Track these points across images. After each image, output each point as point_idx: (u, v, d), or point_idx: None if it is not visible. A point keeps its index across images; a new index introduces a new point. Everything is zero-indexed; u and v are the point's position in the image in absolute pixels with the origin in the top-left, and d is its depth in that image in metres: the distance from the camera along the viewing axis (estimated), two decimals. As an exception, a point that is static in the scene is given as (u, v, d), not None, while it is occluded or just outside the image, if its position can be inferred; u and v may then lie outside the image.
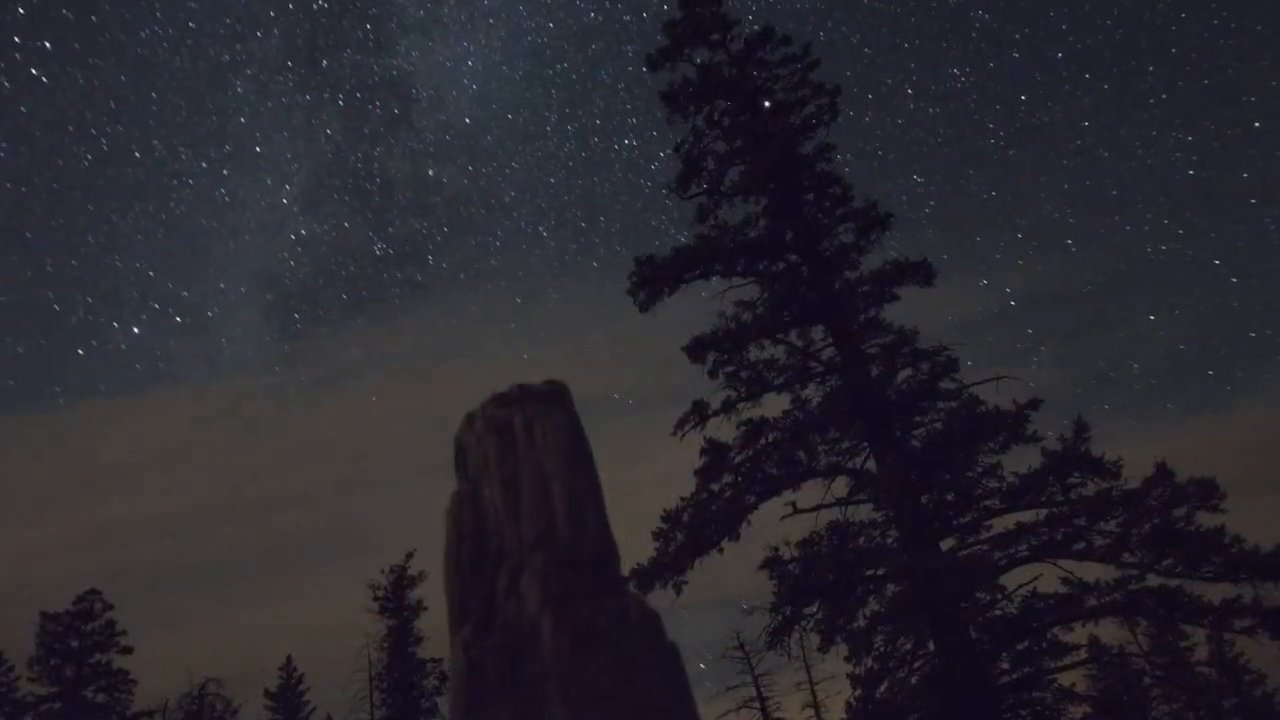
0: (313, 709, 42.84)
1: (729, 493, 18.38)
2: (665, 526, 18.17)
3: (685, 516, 18.19)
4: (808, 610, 17.82)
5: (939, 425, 18.03)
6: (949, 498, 17.91)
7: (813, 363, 19.21)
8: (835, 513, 18.57)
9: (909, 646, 17.48)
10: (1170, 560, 15.38)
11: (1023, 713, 16.91)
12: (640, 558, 18.13)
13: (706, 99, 20.59)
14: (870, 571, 17.79)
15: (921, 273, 18.74)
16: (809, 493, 18.58)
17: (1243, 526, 14.64)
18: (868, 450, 18.37)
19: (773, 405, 19.14)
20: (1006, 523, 17.38)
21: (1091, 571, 16.42)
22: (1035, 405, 17.30)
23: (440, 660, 39.63)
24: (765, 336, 19.02)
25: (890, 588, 17.65)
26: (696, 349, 18.92)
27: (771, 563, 17.89)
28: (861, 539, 18.32)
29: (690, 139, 20.60)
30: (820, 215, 19.89)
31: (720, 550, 18.10)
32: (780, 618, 17.71)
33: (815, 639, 18.08)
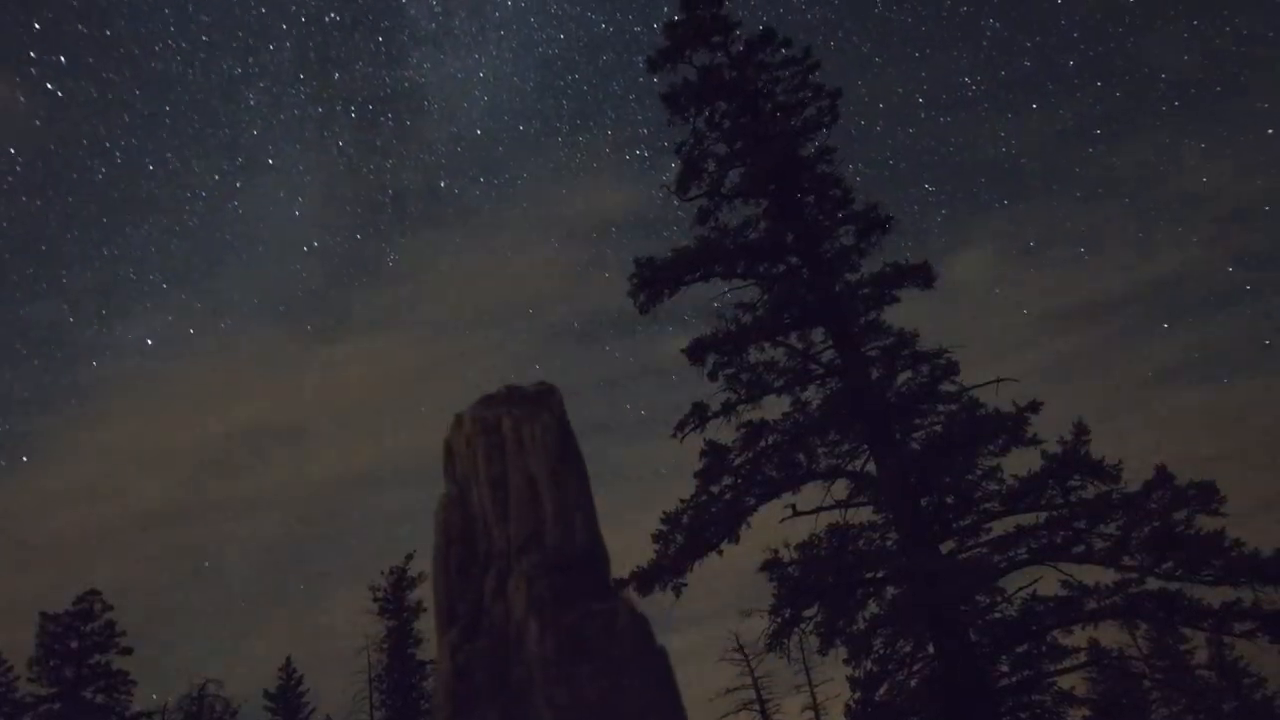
0: (312, 710, 42.89)
1: (728, 495, 18.37)
2: (665, 528, 18.17)
3: (685, 518, 18.19)
4: (807, 613, 17.80)
5: (939, 428, 18.04)
6: (949, 500, 17.91)
7: (813, 365, 19.21)
8: (835, 515, 18.57)
9: (908, 649, 17.48)
10: (1170, 563, 15.39)
11: (1022, 716, 16.91)
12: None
13: (707, 101, 20.58)
14: (870, 574, 17.79)
15: (922, 275, 18.74)
16: (809, 495, 18.60)
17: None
18: (867, 453, 18.36)
19: (773, 407, 19.15)
20: (1006, 525, 17.41)
21: (1091, 574, 16.44)
22: (1035, 408, 17.30)
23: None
24: (765, 339, 19.01)
25: (890, 590, 17.65)
26: (697, 351, 18.93)
27: (771, 565, 17.88)
28: (861, 541, 18.31)
29: (691, 141, 20.60)
30: (821, 217, 19.89)
31: (720, 552, 18.11)
32: (780, 620, 17.69)
33: (815, 641, 18.06)
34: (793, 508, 18.40)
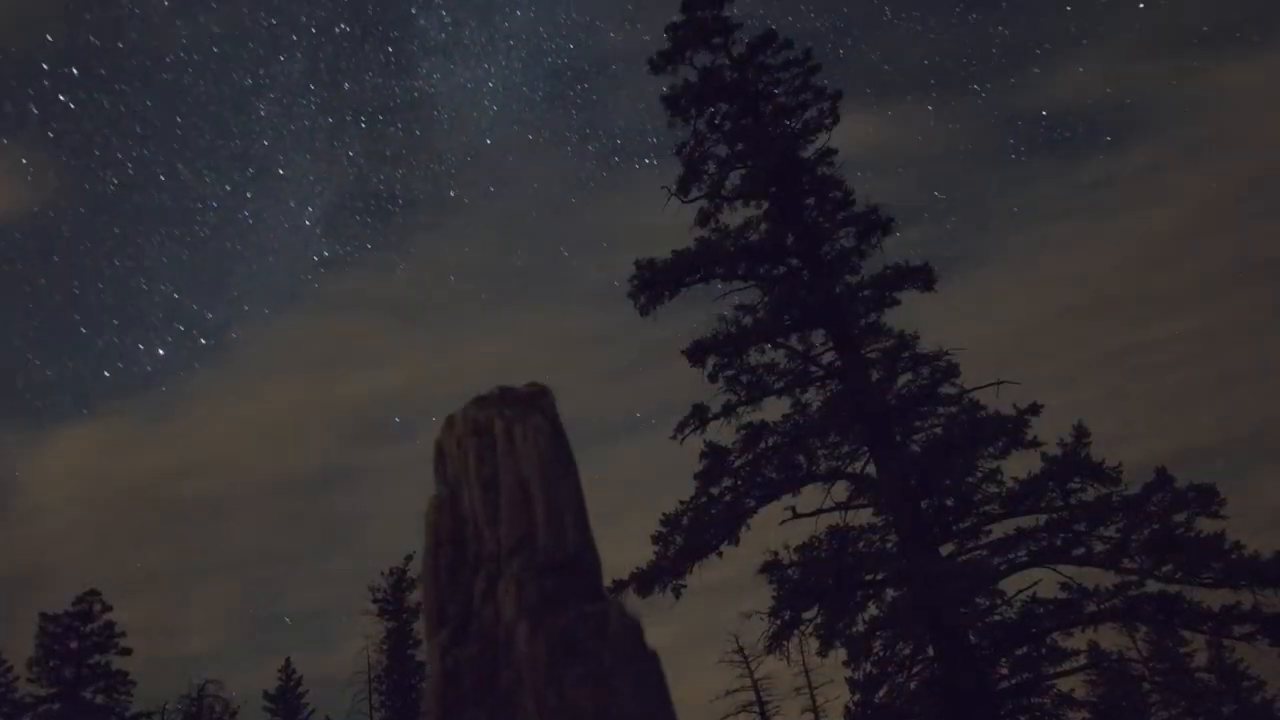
0: (311, 710, 42.85)
1: (728, 496, 18.36)
2: (664, 530, 18.16)
3: (685, 520, 18.17)
4: (807, 614, 17.80)
5: (939, 430, 18.02)
6: (949, 503, 17.90)
7: (813, 367, 19.20)
8: (835, 517, 18.58)
9: (908, 651, 17.48)
10: (1170, 566, 15.38)
11: (1022, 718, 16.91)
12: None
13: (708, 102, 20.57)
14: (870, 576, 17.78)
15: (922, 277, 18.73)
16: (809, 497, 18.61)
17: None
18: (868, 455, 18.34)
19: (773, 409, 19.15)
20: (1006, 528, 17.41)
21: (1091, 577, 16.45)
22: (1036, 410, 17.30)
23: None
24: (765, 340, 19.00)
25: (890, 592, 17.64)
26: (697, 353, 18.91)
27: (771, 567, 17.87)
28: (861, 543, 18.31)
29: (691, 142, 20.59)
30: (821, 219, 19.88)
31: (719, 554, 18.10)
32: (779, 622, 17.70)
33: (814, 643, 18.08)
34: (793, 510, 18.40)
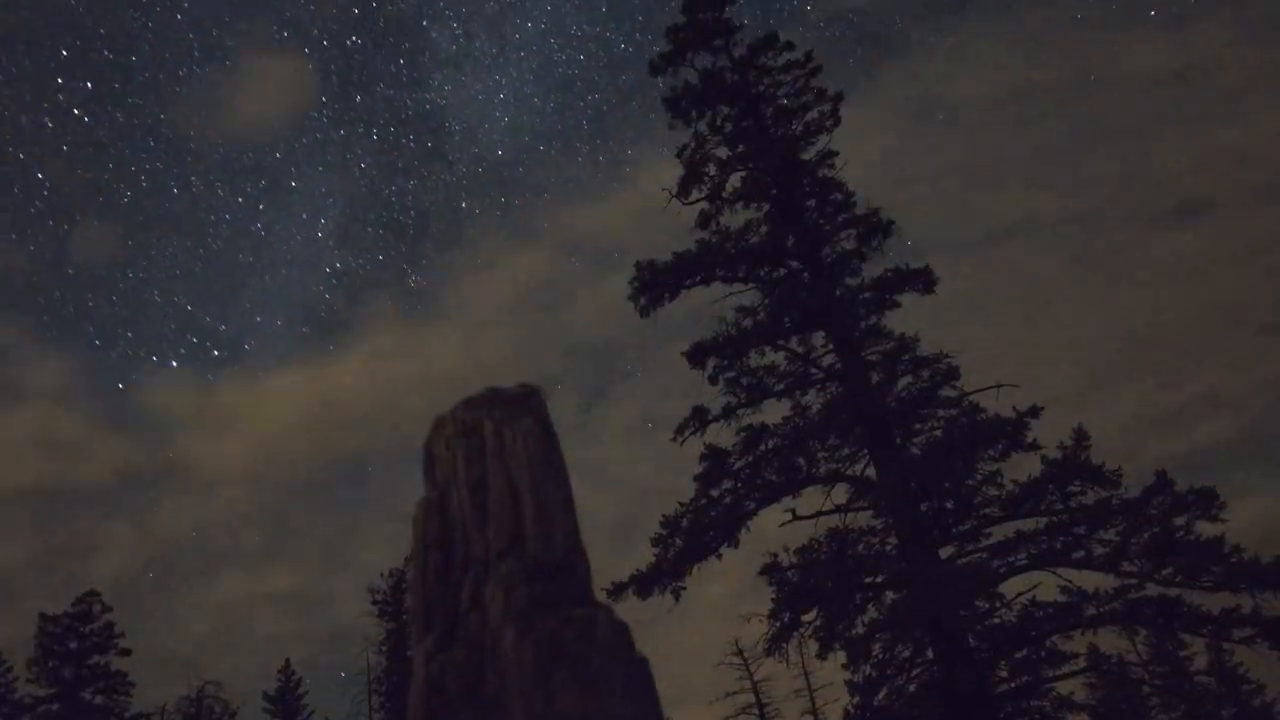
0: (311, 712, 42.79)
1: (728, 499, 18.35)
2: (664, 532, 18.15)
3: (684, 522, 18.16)
4: (806, 617, 17.79)
5: (939, 433, 18.01)
6: (949, 505, 17.88)
7: (813, 369, 19.20)
8: (835, 519, 18.58)
9: (907, 654, 17.46)
10: (1170, 569, 15.35)
11: (1021, 721, 16.88)
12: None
13: (709, 104, 20.57)
14: (869, 579, 17.77)
15: (922, 280, 18.73)
16: (808, 499, 18.61)
17: None
18: (868, 457, 18.34)
19: (773, 411, 19.16)
20: (1006, 531, 17.38)
21: (1091, 580, 16.42)
22: (1035, 413, 17.29)
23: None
24: (766, 343, 19.00)
25: (889, 595, 17.62)
26: (697, 355, 18.91)
27: (770, 569, 17.86)
28: (861, 546, 18.29)
29: (692, 144, 20.58)
30: (822, 221, 19.88)
31: (719, 556, 18.09)
32: (779, 624, 17.68)
33: (814, 646, 18.07)
34: (792, 512, 18.39)
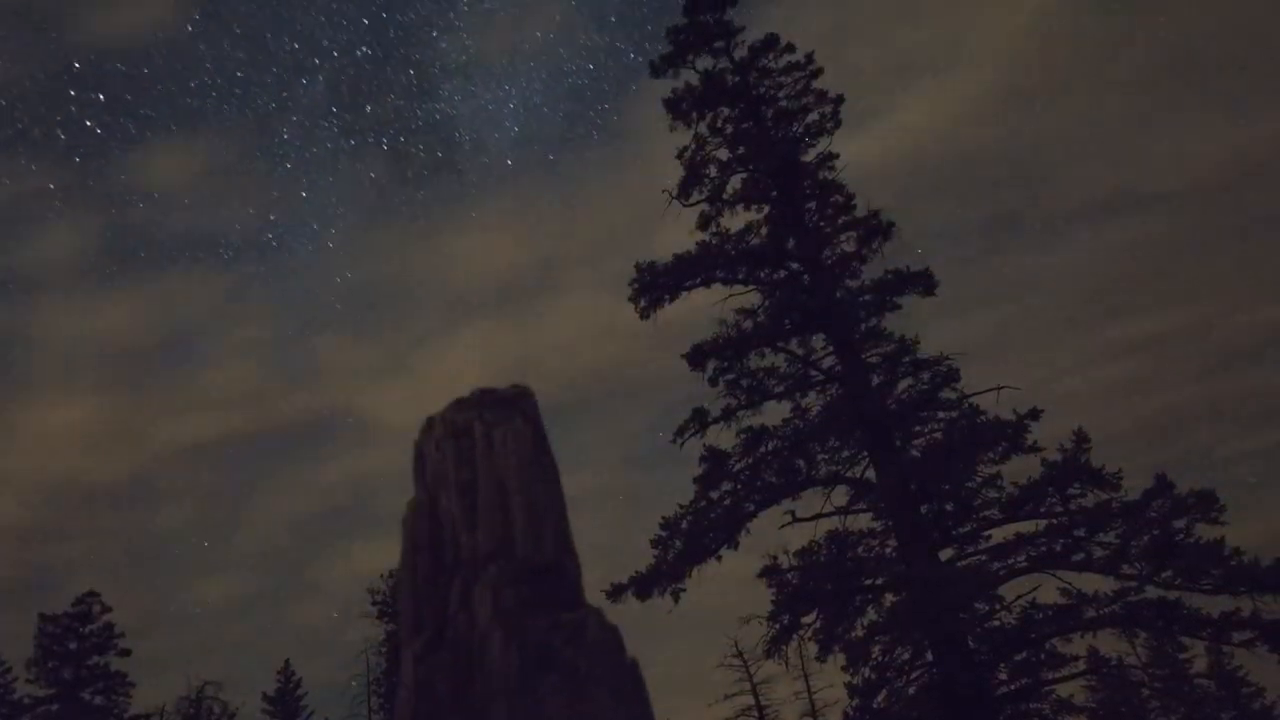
0: (311, 712, 42.82)
1: (728, 500, 18.35)
2: (664, 534, 18.15)
3: (684, 524, 18.17)
4: (806, 619, 17.77)
5: (939, 435, 18.02)
6: (948, 508, 17.88)
7: (813, 371, 19.20)
8: (834, 522, 18.56)
9: (907, 656, 17.44)
10: (1169, 572, 15.35)
11: (1021, 724, 16.86)
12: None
13: (709, 106, 20.58)
14: (869, 581, 17.77)
15: (923, 282, 18.73)
16: (808, 501, 18.58)
17: None
18: (867, 459, 18.34)
19: (773, 413, 19.15)
20: (1006, 533, 17.37)
21: (1091, 583, 16.41)
22: (1035, 415, 17.29)
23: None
24: (766, 344, 19.01)
25: (889, 597, 17.61)
26: (697, 356, 18.91)
27: (770, 571, 17.86)
28: (860, 548, 18.30)
29: (693, 146, 20.60)
30: (822, 223, 19.90)
31: (719, 558, 18.09)
32: (778, 626, 17.67)
33: (813, 648, 18.06)
34: (792, 514, 18.38)
